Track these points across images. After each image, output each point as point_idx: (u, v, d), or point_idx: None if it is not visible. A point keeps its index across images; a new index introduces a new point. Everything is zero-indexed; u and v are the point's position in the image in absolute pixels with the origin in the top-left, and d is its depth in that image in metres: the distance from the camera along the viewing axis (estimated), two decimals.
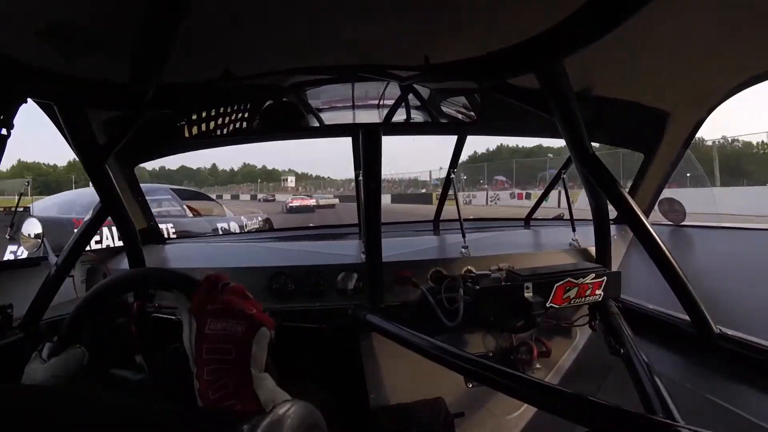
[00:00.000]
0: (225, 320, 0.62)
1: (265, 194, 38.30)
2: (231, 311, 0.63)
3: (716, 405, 0.95)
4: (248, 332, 0.62)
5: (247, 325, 0.63)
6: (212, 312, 0.63)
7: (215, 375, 0.59)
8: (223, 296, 0.65)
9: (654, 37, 0.93)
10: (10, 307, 1.05)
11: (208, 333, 0.61)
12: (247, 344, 0.62)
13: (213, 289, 0.66)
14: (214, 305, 0.63)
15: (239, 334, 0.62)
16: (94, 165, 1.15)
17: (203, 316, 0.63)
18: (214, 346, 0.61)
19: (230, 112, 1.17)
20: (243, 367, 0.60)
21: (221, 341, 0.61)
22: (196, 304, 0.65)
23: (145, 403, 0.45)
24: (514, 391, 0.94)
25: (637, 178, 1.64)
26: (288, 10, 0.81)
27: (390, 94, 1.17)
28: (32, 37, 0.76)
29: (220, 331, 0.61)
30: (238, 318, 0.63)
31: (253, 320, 0.64)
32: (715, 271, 1.33)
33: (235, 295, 0.66)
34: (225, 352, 0.60)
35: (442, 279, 1.42)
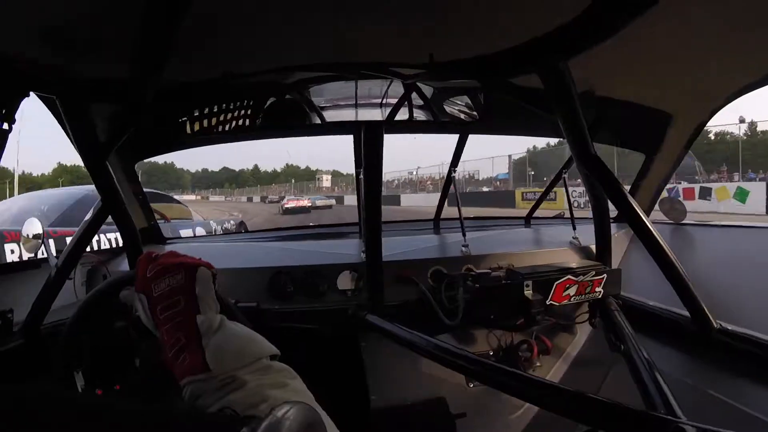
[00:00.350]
0: (165, 278, 0.63)
1: (272, 196, 38.26)
2: (167, 268, 0.64)
3: (717, 400, 0.95)
4: (188, 276, 0.63)
5: (185, 271, 0.63)
6: (152, 277, 0.63)
7: (170, 334, 0.60)
8: (157, 261, 0.65)
9: (657, 38, 0.92)
10: (10, 311, 1.05)
11: (155, 296, 0.62)
12: (190, 286, 0.62)
13: (147, 261, 0.66)
14: (152, 272, 0.64)
15: (181, 281, 0.62)
16: (95, 162, 1.14)
17: (146, 285, 0.64)
18: (165, 304, 0.61)
19: (232, 109, 1.17)
20: (191, 315, 0.61)
21: (169, 296, 0.62)
22: (138, 280, 0.65)
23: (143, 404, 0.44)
24: (516, 390, 0.94)
25: (638, 178, 1.64)
26: (290, 9, 0.80)
27: (392, 93, 1.17)
28: (35, 34, 0.76)
29: (164, 289, 0.62)
30: (176, 270, 0.63)
31: (190, 265, 0.64)
32: (715, 269, 1.33)
33: (167, 257, 0.67)
34: (176, 305, 0.61)
35: (442, 278, 1.42)
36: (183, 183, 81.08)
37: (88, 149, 1.12)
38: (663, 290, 1.11)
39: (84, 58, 0.88)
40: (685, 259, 1.12)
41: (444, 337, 1.13)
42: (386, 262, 1.40)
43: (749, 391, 0.93)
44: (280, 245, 1.85)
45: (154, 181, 78.46)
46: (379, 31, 0.93)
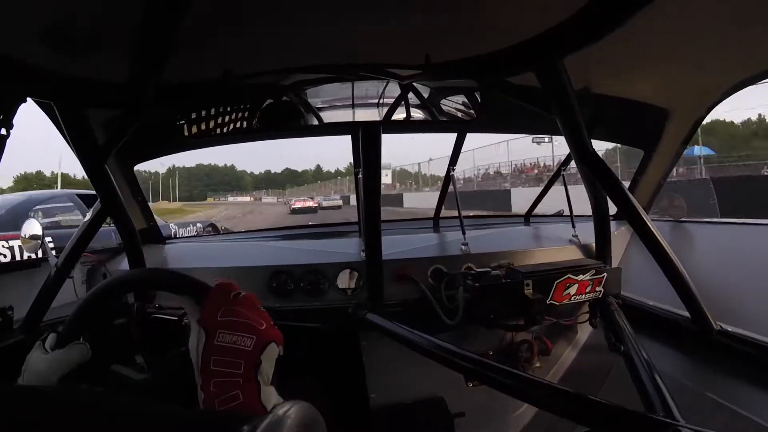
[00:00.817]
0: (235, 333, 0.61)
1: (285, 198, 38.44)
2: (242, 324, 0.62)
3: (716, 402, 0.95)
4: (258, 347, 0.61)
5: (257, 340, 0.61)
6: (223, 324, 0.62)
7: (222, 387, 0.58)
8: (235, 307, 0.64)
9: (654, 35, 0.92)
10: (10, 309, 1.05)
11: (217, 345, 0.60)
12: (256, 359, 0.61)
13: (224, 298, 0.65)
14: (225, 317, 0.62)
15: (249, 348, 0.60)
16: (94, 165, 1.14)
17: (213, 327, 0.62)
18: (223, 359, 0.60)
19: (230, 111, 1.17)
20: (251, 381, 0.60)
21: (230, 354, 0.60)
22: (207, 314, 0.63)
23: (146, 403, 0.45)
24: (515, 390, 0.94)
25: (637, 175, 1.64)
26: (288, 10, 0.80)
27: (390, 93, 1.17)
28: (32, 37, 0.76)
29: (229, 344, 0.60)
30: (249, 332, 0.62)
31: (263, 335, 0.63)
32: (715, 267, 1.33)
33: (246, 307, 0.65)
34: (234, 366, 0.59)
35: (442, 277, 1.42)
36: (244, 184, 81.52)
37: (86, 153, 1.12)
38: (663, 289, 1.11)
39: (82, 60, 0.88)
40: (686, 257, 1.12)
41: (444, 337, 1.13)
42: (386, 260, 1.40)
43: (748, 395, 0.92)
44: (281, 244, 1.86)
45: (215, 182, 78.72)
46: (376, 32, 0.92)
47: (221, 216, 20.51)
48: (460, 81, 1.17)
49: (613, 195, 1.13)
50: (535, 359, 1.48)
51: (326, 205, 24.60)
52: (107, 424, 0.37)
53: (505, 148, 21.36)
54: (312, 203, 24.81)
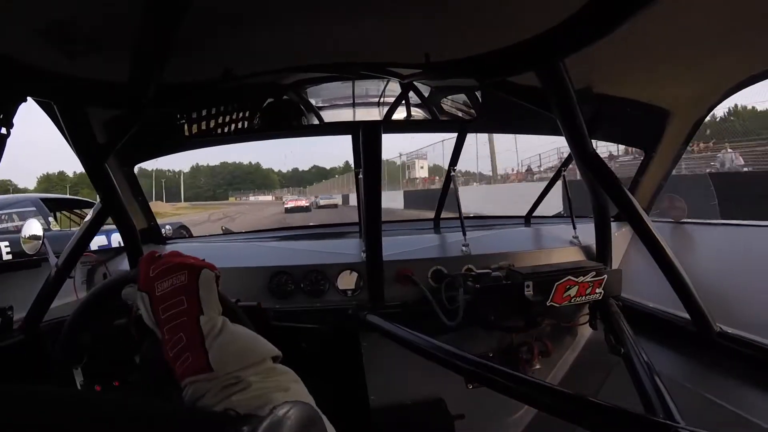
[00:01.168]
0: (168, 278, 0.64)
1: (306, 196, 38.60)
2: (171, 268, 0.65)
3: (716, 404, 0.95)
4: (191, 276, 0.64)
5: (188, 272, 0.64)
6: (155, 277, 0.64)
7: (171, 332, 0.60)
8: (161, 260, 0.67)
9: (655, 35, 0.92)
10: (10, 309, 1.05)
11: (158, 295, 0.63)
12: (194, 287, 0.63)
13: (150, 260, 0.68)
14: (156, 270, 0.65)
15: (184, 282, 0.63)
16: (94, 164, 1.14)
17: (150, 284, 0.64)
18: (168, 304, 0.62)
19: (230, 111, 1.17)
20: (194, 315, 0.61)
21: (171, 296, 0.62)
22: (141, 279, 0.66)
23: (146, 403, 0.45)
24: (515, 392, 0.94)
25: (638, 176, 1.64)
26: (288, 10, 0.80)
27: (390, 92, 1.17)
28: (32, 37, 0.76)
29: (167, 289, 0.63)
30: (180, 270, 0.64)
31: (193, 266, 0.65)
32: (715, 269, 1.33)
33: (171, 256, 0.68)
34: (178, 305, 0.62)
35: (442, 278, 1.42)
36: (270, 183, 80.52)
37: (87, 152, 1.12)
38: (663, 291, 1.10)
39: (82, 60, 0.88)
40: (686, 258, 1.12)
41: (444, 338, 1.13)
42: (386, 261, 1.40)
43: (748, 396, 0.92)
44: (281, 245, 1.86)
45: (239, 182, 78.08)
46: (376, 32, 0.92)
47: (206, 218, 20.65)
48: (461, 80, 1.17)
49: (614, 196, 1.13)
50: (536, 361, 1.48)
51: (323, 204, 25.41)
52: (107, 424, 0.37)
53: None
54: (304, 202, 25.90)
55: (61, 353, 0.85)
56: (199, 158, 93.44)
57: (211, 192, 73.46)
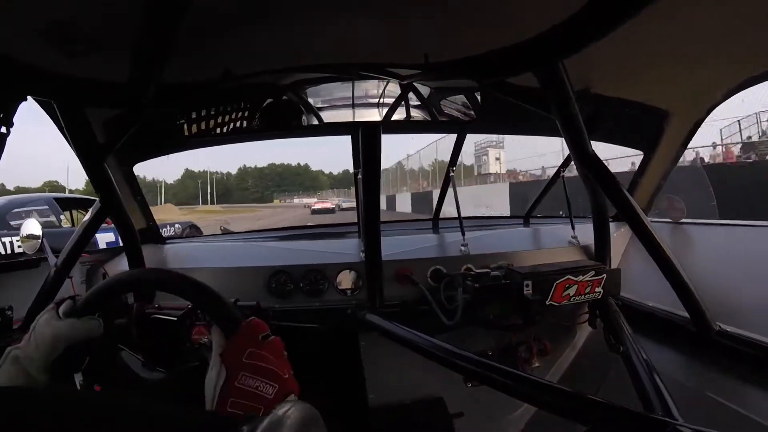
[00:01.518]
0: (258, 378, 0.59)
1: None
2: (266, 370, 0.60)
3: (715, 402, 0.95)
4: (279, 396, 0.59)
5: (279, 389, 0.59)
6: (247, 366, 0.59)
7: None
8: (262, 351, 0.61)
9: (654, 36, 0.92)
10: (9, 308, 1.05)
11: (237, 386, 0.58)
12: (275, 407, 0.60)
13: (253, 338, 0.63)
14: (250, 360, 0.60)
15: (270, 396, 0.58)
16: (94, 164, 1.15)
17: (236, 367, 0.59)
18: (241, 402, 0.57)
19: (230, 111, 1.17)
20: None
21: (250, 399, 0.58)
22: (233, 352, 0.61)
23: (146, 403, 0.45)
24: (514, 390, 0.94)
25: (637, 176, 1.64)
26: (288, 10, 0.80)
27: (389, 93, 1.17)
28: (32, 36, 0.76)
29: (251, 389, 0.58)
30: (272, 380, 0.59)
31: (286, 385, 0.60)
32: (714, 268, 1.33)
33: (273, 352, 0.63)
34: (251, 410, 0.57)
35: (441, 277, 1.42)
36: (319, 185, 79.37)
37: (86, 152, 1.12)
38: (662, 290, 1.11)
39: (82, 60, 0.88)
40: (685, 258, 1.12)
41: (443, 337, 1.13)
42: (385, 261, 1.41)
43: (747, 394, 0.93)
44: (280, 245, 1.86)
45: (287, 183, 77.27)
46: (375, 32, 0.93)
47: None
48: (460, 81, 1.17)
49: (613, 196, 1.13)
50: (535, 359, 1.48)
51: (345, 207, 26.33)
52: (106, 424, 0.37)
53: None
54: (330, 204, 28.13)
55: (94, 297, 0.82)
56: (246, 159, 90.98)
57: (259, 194, 72.46)
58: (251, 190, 75.75)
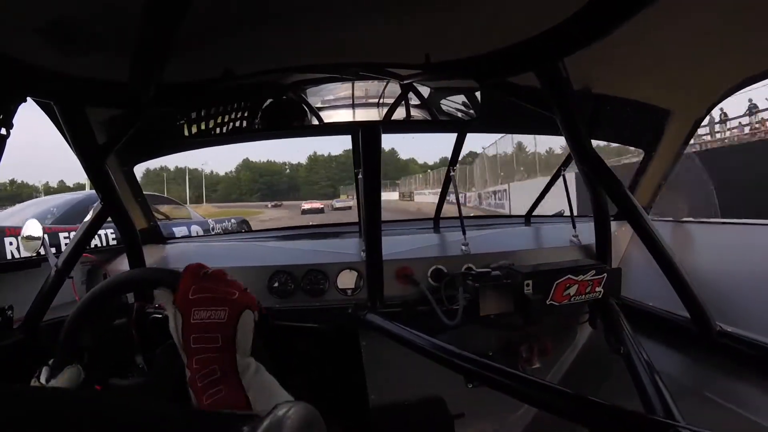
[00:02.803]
0: (208, 308, 0.63)
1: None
2: (213, 298, 0.64)
3: (716, 403, 0.95)
4: (231, 317, 0.63)
5: (229, 311, 0.63)
6: (195, 301, 0.63)
7: (202, 363, 0.60)
8: (205, 283, 0.65)
9: (654, 35, 0.92)
10: (10, 308, 1.06)
11: (193, 323, 0.62)
12: (231, 329, 0.63)
13: (194, 277, 0.66)
14: (196, 294, 0.64)
15: (223, 320, 0.63)
16: (94, 164, 1.15)
17: (187, 306, 0.63)
18: (201, 335, 0.62)
19: (230, 111, 1.17)
20: (229, 353, 0.62)
21: (207, 330, 0.62)
22: (180, 295, 0.65)
23: (145, 403, 0.45)
24: (515, 390, 0.94)
25: (638, 175, 1.64)
26: (288, 10, 0.80)
27: (390, 93, 1.17)
28: (32, 36, 0.76)
29: (204, 320, 0.62)
30: (221, 305, 0.64)
31: (236, 304, 0.64)
32: (715, 268, 1.33)
33: (216, 281, 0.67)
34: (211, 341, 0.61)
35: (442, 277, 1.42)
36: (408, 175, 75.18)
37: (86, 152, 1.12)
38: (663, 290, 1.11)
39: (82, 60, 0.88)
40: (686, 257, 1.12)
41: (443, 337, 1.13)
42: (386, 261, 1.41)
43: (749, 395, 0.92)
44: (281, 244, 1.86)
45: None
46: (376, 32, 0.93)
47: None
48: (460, 81, 1.17)
49: (614, 195, 1.13)
50: (535, 359, 1.48)
51: (338, 206, 26.85)
52: (106, 424, 0.37)
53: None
54: (319, 205, 28.56)
55: (61, 352, 0.85)
56: (318, 145, 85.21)
57: (331, 188, 67.44)
58: (321, 185, 69.81)
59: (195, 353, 0.61)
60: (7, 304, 1.07)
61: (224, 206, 43.87)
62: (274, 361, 0.75)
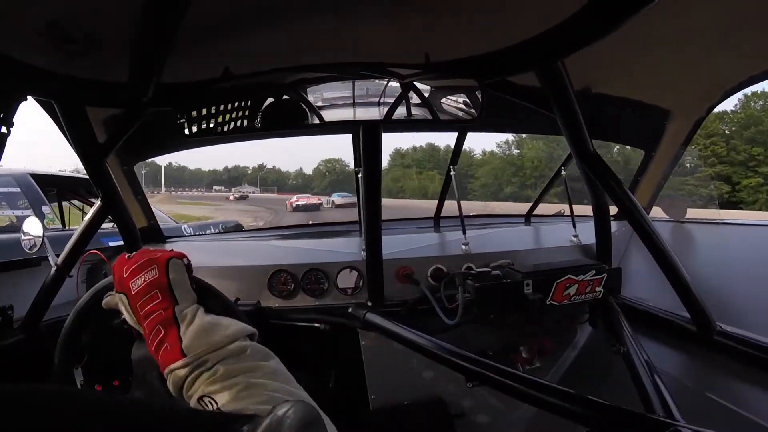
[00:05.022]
0: (141, 274, 0.65)
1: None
2: (141, 265, 0.66)
3: (716, 403, 0.95)
4: (161, 269, 0.65)
5: (158, 265, 0.66)
6: (129, 276, 0.66)
7: (151, 326, 0.62)
8: (131, 260, 0.68)
9: (654, 36, 0.92)
10: (10, 308, 1.06)
11: (134, 293, 0.64)
12: (165, 279, 0.65)
13: (121, 262, 0.69)
14: (127, 271, 0.66)
15: (155, 275, 0.65)
16: (94, 163, 1.15)
17: (125, 285, 0.66)
18: (144, 300, 0.63)
19: (231, 110, 1.17)
20: (171, 307, 0.63)
21: (146, 292, 0.64)
22: (116, 282, 0.68)
23: (146, 403, 0.45)
24: (514, 390, 0.94)
25: (638, 175, 1.64)
26: (288, 10, 0.80)
27: (390, 92, 1.17)
28: (32, 36, 0.76)
29: (141, 285, 0.64)
30: (149, 264, 0.66)
31: (162, 259, 0.67)
32: (716, 268, 1.33)
33: (140, 254, 0.69)
34: (153, 299, 0.63)
35: (442, 276, 1.42)
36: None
37: (87, 151, 1.12)
38: (663, 290, 1.11)
39: (82, 60, 0.88)
40: (686, 258, 1.12)
41: (443, 337, 1.13)
42: (386, 260, 1.40)
43: (748, 395, 0.92)
44: (281, 243, 1.86)
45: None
46: (376, 32, 0.93)
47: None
48: (461, 80, 1.17)
49: (614, 195, 1.13)
50: (535, 359, 1.48)
51: (340, 203, 25.09)
52: (107, 423, 0.37)
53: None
54: (316, 200, 26.11)
55: (61, 353, 0.86)
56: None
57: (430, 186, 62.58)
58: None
59: (144, 319, 0.63)
60: (6, 304, 1.07)
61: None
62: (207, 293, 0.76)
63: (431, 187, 37.43)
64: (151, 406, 0.42)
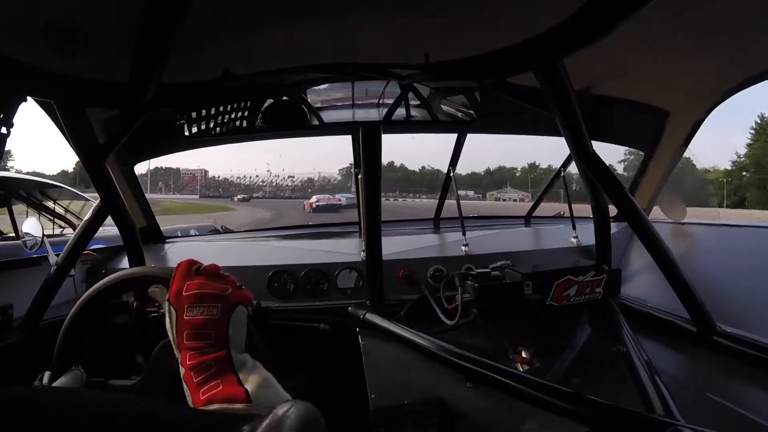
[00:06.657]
0: (201, 305, 0.63)
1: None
2: (206, 295, 0.64)
3: (716, 403, 0.95)
4: (224, 314, 0.64)
5: (222, 307, 0.64)
6: (188, 298, 0.64)
7: (197, 359, 0.61)
8: (197, 280, 0.66)
9: (654, 35, 0.92)
10: (10, 307, 1.06)
11: (186, 320, 0.62)
12: (224, 326, 0.63)
13: (187, 274, 0.67)
14: (189, 291, 0.64)
15: (216, 317, 0.63)
16: (94, 164, 1.15)
17: (181, 303, 0.64)
18: (194, 332, 0.62)
19: (230, 111, 1.17)
20: (222, 349, 0.62)
21: (200, 327, 0.62)
22: (173, 292, 0.65)
23: (146, 403, 0.45)
24: (514, 390, 0.94)
25: (637, 176, 1.64)
26: (288, 10, 0.80)
27: (390, 93, 1.17)
28: (32, 37, 0.76)
29: (197, 317, 0.62)
30: (214, 301, 0.64)
31: (228, 300, 0.65)
32: (715, 269, 1.33)
33: (208, 277, 0.67)
34: (204, 337, 0.62)
35: (442, 277, 1.42)
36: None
37: (87, 151, 1.12)
38: (663, 291, 1.11)
39: (82, 60, 0.88)
40: (686, 259, 1.12)
41: (443, 337, 1.13)
42: (386, 261, 1.40)
43: (748, 395, 0.92)
44: (281, 244, 1.86)
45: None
46: (376, 32, 0.93)
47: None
48: (460, 81, 1.17)
49: (614, 196, 1.13)
50: (535, 360, 1.48)
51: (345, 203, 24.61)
52: (106, 424, 0.37)
53: None
54: (336, 201, 24.80)
55: (61, 351, 0.85)
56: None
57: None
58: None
59: (188, 349, 0.62)
60: (6, 303, 1.07)
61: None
62: (274, 361, 0.75)
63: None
64: (151, 407, 0.42)
